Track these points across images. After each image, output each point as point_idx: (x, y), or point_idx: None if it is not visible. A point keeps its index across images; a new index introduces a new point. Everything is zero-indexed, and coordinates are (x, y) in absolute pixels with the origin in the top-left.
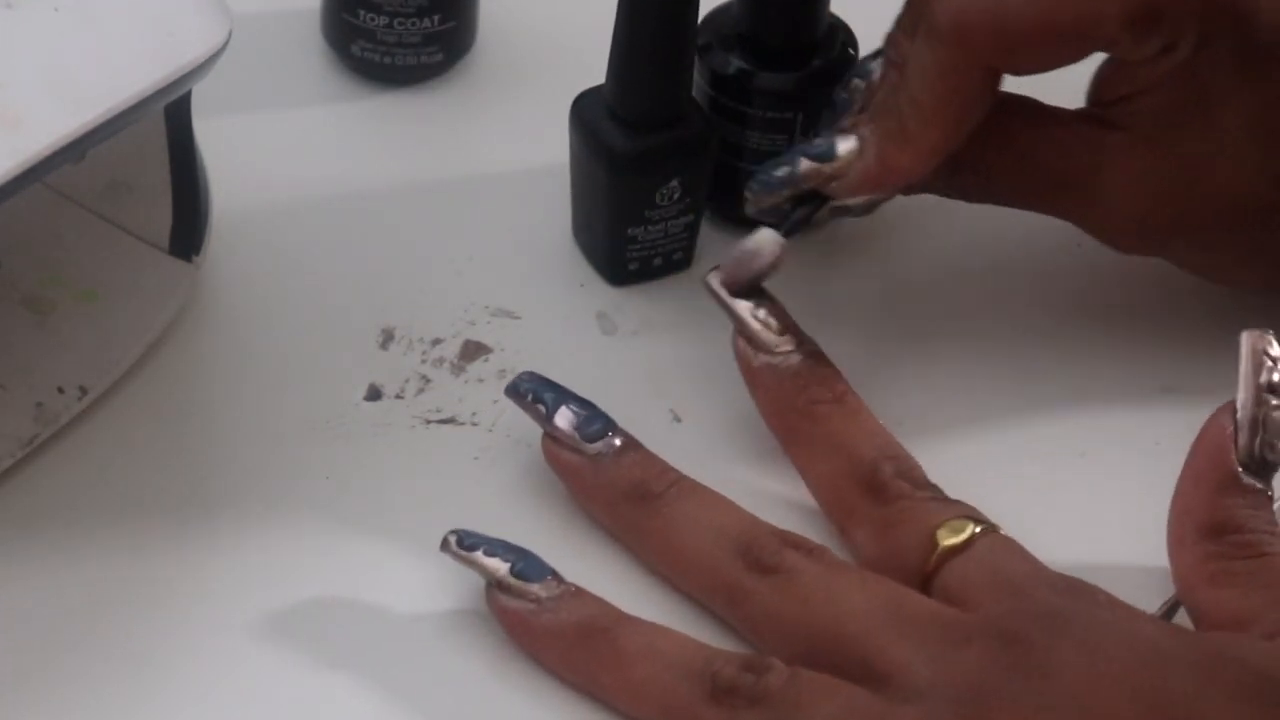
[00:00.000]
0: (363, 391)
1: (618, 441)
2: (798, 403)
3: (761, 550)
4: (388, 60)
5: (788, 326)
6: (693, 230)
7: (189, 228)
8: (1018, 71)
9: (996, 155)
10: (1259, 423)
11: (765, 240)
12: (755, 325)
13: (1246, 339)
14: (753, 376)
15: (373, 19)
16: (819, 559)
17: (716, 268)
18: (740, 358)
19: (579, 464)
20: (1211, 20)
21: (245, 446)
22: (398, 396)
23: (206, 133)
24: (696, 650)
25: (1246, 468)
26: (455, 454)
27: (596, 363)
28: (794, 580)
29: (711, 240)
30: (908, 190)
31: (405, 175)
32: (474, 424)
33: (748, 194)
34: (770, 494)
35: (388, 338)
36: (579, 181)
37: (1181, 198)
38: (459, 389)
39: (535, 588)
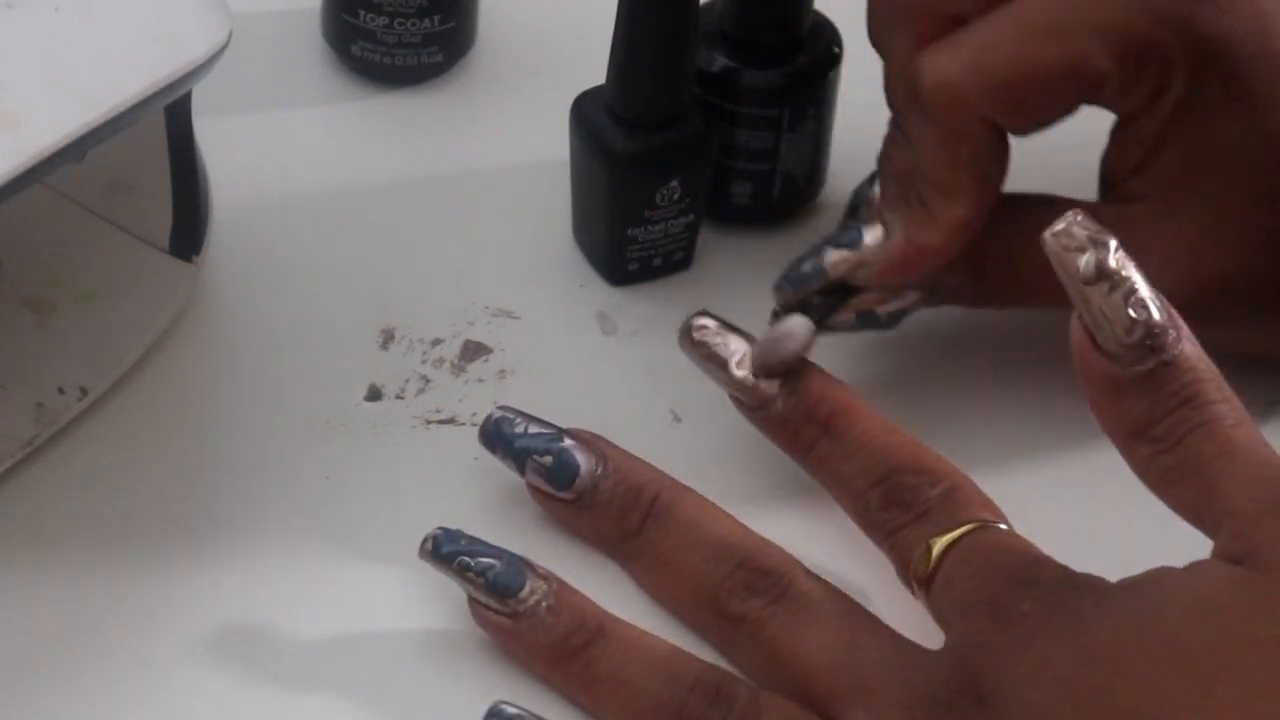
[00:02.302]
0: (363, 391)
1: (599, 470)
2: (796, 452)
3: (729, 597)
4: (388, 60)
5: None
6: (693, 230)
7: (189, 228)
8: (1016, 124)
9: (1022, 246)
10: (1105, 315)
11: (798, 324)
12: (737, 377)
13: (1045, 242)
14: (755, 425)
15: (373, 19)
16: (785, 598)
17: (701, 313)
18: (740, 410)
19: (562, 510)
20: (1199, 55)
21: (245, 446)
22: (398, 397)
23: (206, 133)
24: (668, 673)
25: (1125, 359)
26: (455, 455)
27: (596, 363)
28: (760, 631)
29: (711, 240)
30: (934, 297)
31: (405, 175)
32: (474, 424)
33: (777, 293)
34: (769, 493)
35: (388, 338)
36: (579, 181)
37: (1207, 263)
38: (459, 389)
39: (513, 601)
